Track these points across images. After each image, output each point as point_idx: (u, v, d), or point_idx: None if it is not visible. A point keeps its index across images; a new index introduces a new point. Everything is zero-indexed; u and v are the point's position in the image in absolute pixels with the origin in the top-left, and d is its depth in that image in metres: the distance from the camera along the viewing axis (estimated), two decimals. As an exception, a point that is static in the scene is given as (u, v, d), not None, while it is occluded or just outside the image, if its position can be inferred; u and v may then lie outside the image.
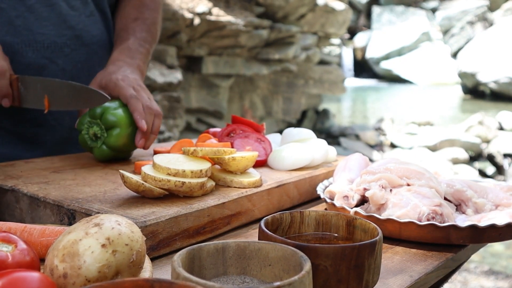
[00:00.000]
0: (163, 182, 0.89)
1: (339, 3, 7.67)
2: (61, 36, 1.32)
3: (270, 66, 6.94)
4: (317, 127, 8.42)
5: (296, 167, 1.18)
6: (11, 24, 1.25)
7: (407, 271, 0.84)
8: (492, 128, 7.86)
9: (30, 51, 1.27)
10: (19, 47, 1.26)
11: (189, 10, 5.47)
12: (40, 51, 1.29)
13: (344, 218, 0.81)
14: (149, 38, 1.42)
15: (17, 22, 1.26)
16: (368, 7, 17.13)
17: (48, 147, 1.35)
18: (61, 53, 1.32)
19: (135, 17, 1.43)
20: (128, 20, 1.43)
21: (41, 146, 1.35)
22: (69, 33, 1.33)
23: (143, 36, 1.40)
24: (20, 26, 1.26)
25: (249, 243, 0.67)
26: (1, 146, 1.30)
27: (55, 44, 1.31)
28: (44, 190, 0.95)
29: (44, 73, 1.29)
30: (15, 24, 1.25)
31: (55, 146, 1.36)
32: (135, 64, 1.32)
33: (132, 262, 0.62)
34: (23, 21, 1.26)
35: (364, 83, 15.82)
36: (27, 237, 0.75)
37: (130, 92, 1.19)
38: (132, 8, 1.46)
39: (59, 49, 1.32)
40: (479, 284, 3.75)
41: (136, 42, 1.38)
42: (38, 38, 1.28)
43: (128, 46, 1.36)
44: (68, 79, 1.33)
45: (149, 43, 1.41)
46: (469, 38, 15.49)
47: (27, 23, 1.27)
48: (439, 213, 0.93)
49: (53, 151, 1.35)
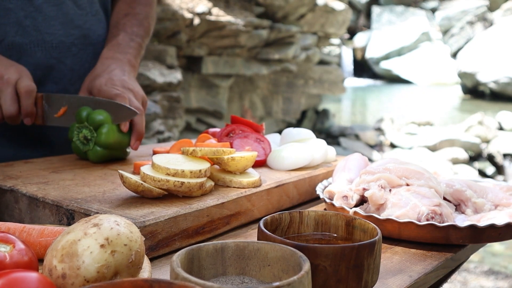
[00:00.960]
0: (162, 182, 0.89)
1: (339, 3, 7.67)
2: (68, 35, 1.32)
3: (270, 66, 6.94)
4: (317, 127, 8.42)
5: (296, 167, 1.18)
6: (20, 24, 1.25)
7: (406, 271, 0.84)
8: (492, 128, 7.86)
9: (39, 51, 1.27)
10: (28, 48, 1.26)
11: (189, 10, 5.47)
12: (48, 51, 1.29)
13: (344, 218, 0.81)
14: (141, 32, 1.40)
15: (26, 23, 1.25)
16: (368, 7, 17.13)
17: (53, 147, 1.36)
18: (69, 53, 1.32)
19: (126, 13, 1.42)
20: (119, 15, 1.42)
21: (47, 146, 1.35)
22: (76, 33, 1.33)
23: (134, 31, 1.38)
24: (28, 26, 1.26)
25: (248, 243, 0.67)
26: (7, 146, 1.30)
27: (63, 43, 1.31)
28: (43, 190, 0.95)
29: (52, 73, 1.30)
30: (23, 24, 1.25)
31: (61, 146, 1.37)
32: (125, 60, 1.31)
33: (131, 262, 0.61)
34: (32, 22, 1.26)
35: (364, 83, 15.82)
36: (26, 237, 0.75)
37: (114, 92, 1.19)
38: (124, 3, 1.45)
39: (67, 49, 1.32)
40: (478, 284, 3.75)
41: (126, 36, 1.36)
42: (47, 38, 1.28)
43: (118, 41, 1.35)
44: (76, 79, 1.33)
45: (141, 37, 1.40)
46: (468, 38, 15.49)
47: (35, 23, 1.26)
48: (439, 213, 0.93)
49: (58, 151, 1.36)
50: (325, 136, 8.00)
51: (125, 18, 1.41)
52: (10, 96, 1.13)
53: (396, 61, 15.82)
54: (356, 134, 8.19)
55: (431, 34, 15.93)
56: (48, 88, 1.30)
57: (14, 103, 1.14)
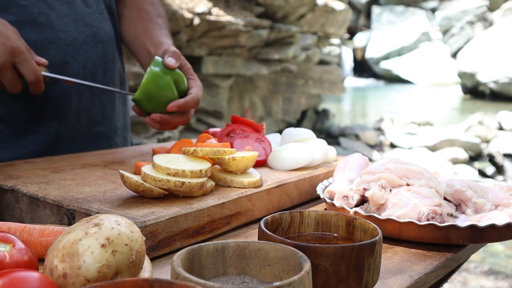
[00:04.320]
0: (162, 182, 0.89)
1: (339, 3, 7.67)
2: (80, 33, 1.33)
3: (270, 66, 6.93)
4: (317, 127, 8.41)
5: (296, 167, 1.18)
6: (34, 21, 1.25)
7: (406, 271, 0.84)
8: (492, 128, 7.86)
9: (53, 49, 1.28)
10: (43, 45, 1.27)
11: (188, 10, 5.47)
12: (62, 48, 1.30)
13: (344, 218, 0.81)
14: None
15: (40, 20, 1.26)
16: (368, 7, 17.12)
17: (67, 144, 1.37)
18: (81, 50, 1.34)
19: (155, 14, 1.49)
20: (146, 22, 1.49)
21: (62, 144, 1.36)
22: (87, 30, 1.35)
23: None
24: (43, 23, 1.26)
25: (248, 243, 0.67)
26: (22, 144, 1.30)
27: (76, 41, 1.32)
28: (44, 190, 0.95)
29: (67, 70, 1.31)
30: (38, 21, 1.26)
31: (74, 143, 1.38)
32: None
33: (132, 262, 0.62)
34: (46, 19, 1.27)
35: (364, 83, 15.81)
36: (26, 237, 0.75)
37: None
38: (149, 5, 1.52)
39: (79, 46, 1.33)
40: (479, 284, 3.75)
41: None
42: (61, 35, 1.29)
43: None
44: (88, 76, 1.35)
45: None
46: (468, 38, 15.48)
47: (49, 20, 1.27)
48: (439, 213, 0.93)
49: (72, 148, 1.37)
50: (325, 136, 7.99)
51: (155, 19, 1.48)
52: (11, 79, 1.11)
53: (396, 61, 15.81)
54: (356, 134, 8.19)
55: (431, 34, 15.92)
56: (61, 85, 1.31)
57: (17, 84, 1.13)
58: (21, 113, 1.29)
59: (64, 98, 1.34)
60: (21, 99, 1.28)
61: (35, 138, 1.32)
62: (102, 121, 1.45)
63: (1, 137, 1.28)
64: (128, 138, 1.60)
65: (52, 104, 1.32)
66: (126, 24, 1.50)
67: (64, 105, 1.34)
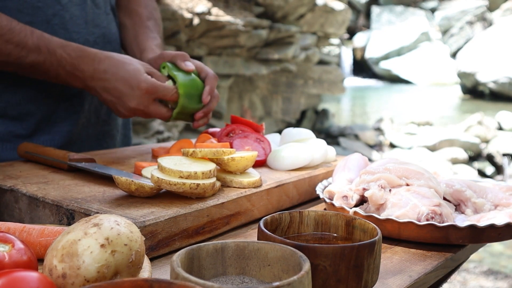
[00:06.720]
0: (178, 186, 0.88)
1: (338, 3, 7.67)
2: (91, 34, 1.34)
3: (269, 66, 6.93)
4: (317, 127, 8.41)
5: (296, 167, 1.18)
6: (49, 23, 1.26)
7: (406, 271, 0.84)
8: (491, 128, 7.86)
9: None
10: None
11: (188, 10, 5.47)
12: None
13: (343, 218, 0.81)
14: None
15: (54, 21, 1.27)
16: (368, 7, 17.13)
17: (78, 144, 1.38)
18: None
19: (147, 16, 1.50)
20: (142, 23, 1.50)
21: (73, 144, 1.37)
22: (97, 31, 1.36)
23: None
24: (57, 24, 1.27)
25: (248, 243, 0.67)
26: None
27: (88, 42, 1.33)
28: (43, 190, 0.95)
29: None
30: (52, 23, 1.26)
31: (83, 142, 1.40)
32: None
33: (131, 262, 0.61)
34: (60, 20, 1.28)
35: (364, 83, 15.81)
36: (26, 237, 0.75)
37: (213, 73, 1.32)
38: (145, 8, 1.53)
39: (90, 47, 1.33)
40: (478, 284, 3.75)
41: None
42: (74, 36, 1.30)
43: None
44: None
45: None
46: (468, 38, 15.49)
47: (63, 21, 1.28)
48: (438, 213, 0.93)
49: (82, 147, 1.38)
50: (324, 136, 8.00)
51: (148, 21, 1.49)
52: (156, 112, 1.22)
53: (396, 61, 15.82)
54: (355, 134, 8.19)
55: (430, 34, 15.93)
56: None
57: (165, 113, 1.23)
58: (34, 114, 1.30)
59: (77, 99, 1.35)
60: (34, 100, 1.28)
61: (48, 139, 1.32)
62: (108, 120, 1.47)
63: (14, 138, 1.29)
64: (129, 136, 1.61)
65: (65, 104, 1.33)
66: (120, 29, 1.51)
67: (76, 105, 1.35)
